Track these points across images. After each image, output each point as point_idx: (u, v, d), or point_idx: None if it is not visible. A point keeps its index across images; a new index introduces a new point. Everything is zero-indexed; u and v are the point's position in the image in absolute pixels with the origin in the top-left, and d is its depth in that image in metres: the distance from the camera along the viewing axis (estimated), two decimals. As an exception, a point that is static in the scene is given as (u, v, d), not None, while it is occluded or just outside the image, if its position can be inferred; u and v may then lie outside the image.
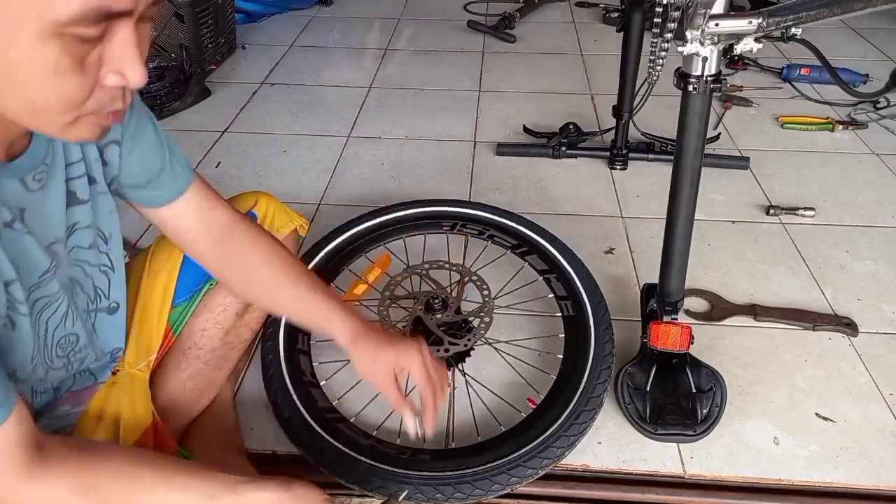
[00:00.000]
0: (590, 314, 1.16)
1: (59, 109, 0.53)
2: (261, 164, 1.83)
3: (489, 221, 1.37)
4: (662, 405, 1.09)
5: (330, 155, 1.88)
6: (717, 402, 1.09)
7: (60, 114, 0.54)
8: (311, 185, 1.75)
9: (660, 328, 1.09)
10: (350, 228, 1.34)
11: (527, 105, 2.15)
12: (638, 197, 1.70)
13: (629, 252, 1.50)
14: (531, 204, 1.66)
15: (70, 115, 0.54)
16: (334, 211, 1.62)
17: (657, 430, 1.07)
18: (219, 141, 1.94)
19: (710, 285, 1.40)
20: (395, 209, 1.38)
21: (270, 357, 1.11)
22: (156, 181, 0.79)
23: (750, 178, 1.77)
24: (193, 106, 2.11)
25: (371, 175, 1.79)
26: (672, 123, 1.01)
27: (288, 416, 1.04)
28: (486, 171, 1.81)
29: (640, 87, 1.67)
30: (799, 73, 2.22)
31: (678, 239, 1.07)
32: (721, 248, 1.52)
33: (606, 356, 1.10)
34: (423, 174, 1.79)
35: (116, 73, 0.53)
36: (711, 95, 0.95)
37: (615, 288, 1.39)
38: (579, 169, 1.81)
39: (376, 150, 1.90)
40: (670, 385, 1.12)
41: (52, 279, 0.70)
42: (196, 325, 1.00)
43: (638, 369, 1.13)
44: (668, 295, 1.12)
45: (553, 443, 0.99)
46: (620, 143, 1.77)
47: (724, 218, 1.62)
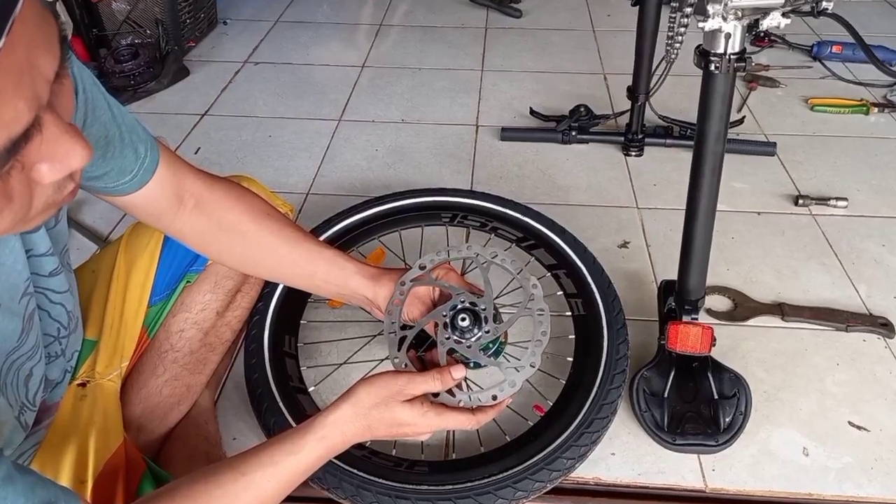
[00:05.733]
0: (602, 313, 1.16)
1: (6, 231, 0.50)
2: (244, 150, 1.83)
3: (492, 212, 1.36)
4: (682, 413, 1.09)
5: (319, 140, 1.88)
6: (741, 409, 1.09)
7: (10, 230, 0.51)
8: (298, 172, 1.74)
9: (679, 329, 1.09)
10: (340, 220, 1.34)
11: (534, 86, 2.15)
12: (655, 186, 1.69)
13: (645, 246, 1.50)
14: (538, 193, 1.66)
15: (19, 227, 0.51)
16: (323, 201, 1.62)
17: (676, 439, 1.07)
18: (198, 125, 1.94)
19: (733, 282, 1.40)
20: (389, 199, 1.38)
21: (254, 360, 1.11)
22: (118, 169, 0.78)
23: (777, 165, 1.77)
24: (170, 87, 2.10)
25: (364, 162, 1.79)
26: (692, 106, 1.01)
27: (273, 425, 1.03)
28: (489, 157, 1.80)
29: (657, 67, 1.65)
30: (830, 51, 2.21)
31: (699, 232, 1.07)
32: (745, 242, 1.51)
33: (620, 359, 1.10)
34: (420, 161, 1.79)
35: (52, 168, 0.49)
36: (735, 75, 0.94)
37: (630, 285, 1.39)
38: (591, 155, 1.81)
39: (369, 135, 1.90)
40: (690, 391, 1.12)
41: (25, 337, 0.69)
42: (173, 326, 1.00)
43: (655, 374, 1.13)
44: (688, 293, 1.12)
45: (562, 454, 0.99)
46: (636, 127, 1.77)
47: (749, 209, 1.62)
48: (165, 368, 0.99)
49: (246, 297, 1.09)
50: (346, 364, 1.21)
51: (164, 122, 1.93)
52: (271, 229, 0.88)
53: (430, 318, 0.86)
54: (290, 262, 0.90)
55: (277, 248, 0.89)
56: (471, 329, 0.84)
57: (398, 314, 0.86)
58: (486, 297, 0.86)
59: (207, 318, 1.02)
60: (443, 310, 0.85)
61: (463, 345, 0.84)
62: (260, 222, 0.88)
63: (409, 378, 0.78)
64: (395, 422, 0.77)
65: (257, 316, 1.15)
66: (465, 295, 0.86)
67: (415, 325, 0.87)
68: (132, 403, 0.96)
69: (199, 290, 1.01)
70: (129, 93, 2.04)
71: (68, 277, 0.80)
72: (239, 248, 0.89)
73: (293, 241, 0.89)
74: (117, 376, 0.92)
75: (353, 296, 0.92)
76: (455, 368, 0.81)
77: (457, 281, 0.89)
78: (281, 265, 0.90)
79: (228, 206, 0.87)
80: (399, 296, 0.87)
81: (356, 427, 0.77)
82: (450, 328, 0.84)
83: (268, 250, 0.89)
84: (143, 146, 0.78)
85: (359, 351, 1.21)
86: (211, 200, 0.86)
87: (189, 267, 1.00)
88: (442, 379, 0.80)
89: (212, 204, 0.86)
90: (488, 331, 0.84)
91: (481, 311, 0.85)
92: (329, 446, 0.76)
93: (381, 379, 0.78)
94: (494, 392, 0.81)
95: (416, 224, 1.37)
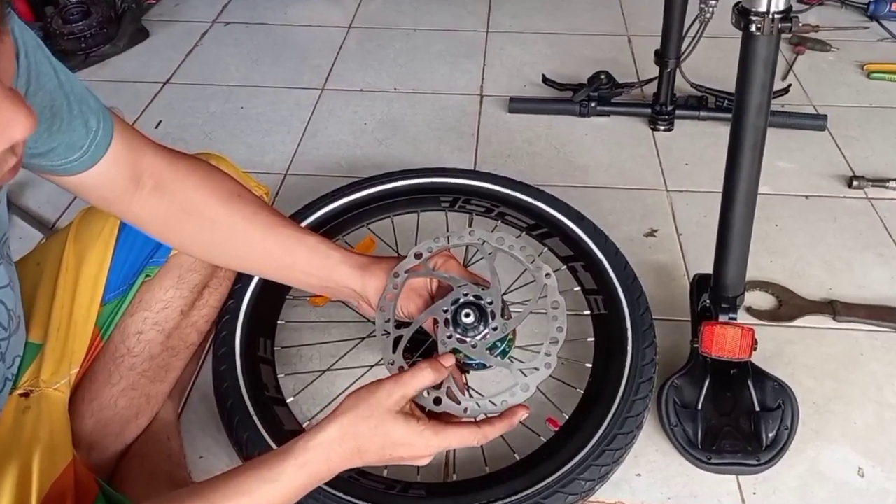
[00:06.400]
0: (626, 313, 1.16)
1: None
2: (212, 124, 1.82)
3: (500, 196, 1.36)
4: (718, 427, 1.09)
5: (299, 112, 1.87)
6: (786, 423, 1.09)
7: None
8: (274, 149, 1.74)
9: (714, 330, 1.09)
10: (323, 205, 1.34)
11: (547, 50, 2.14)
12: (686, 165, 1.69)
13: (676, 234, 1.50)
14: (552, 174, 1.66)
15: None
16: (304, 183, 1.62)
17: (711, 458, 1.07)
18: (159, 94, 1.94)
19: (777, 276, 1.40)
20: (380, 181, 1.38)
21: (224, 367, 1.11)
22: (66, 144, 0.77)
23: (828, 141, 1.76)
24: (127, 50, 2.10)
25: (351, 138, 1.79)
26: (730, 73, 1.01)
27: (246, 441, 1.03)
28: (495, 132, 1.80)
29: (689, 27, 1.66)
30: (889, 10, 2.20)
31: (737, 218, 1.07)
32: (791, 230, 1.51)
33: (647, 365, 1.09)
34: (416, 137, 1.79)
35: None
36: (779, 37, 0.94)
37: (658, 279, 1.39)
38: (613, 130, 1.81)
39: (357, 107, 1.90)
40: (728, 402, 1.11)
41: None
42: (130, 327, 1.00)
43: (687, 382, 1.13)
44: (725, 289, 1.12)
45: (580, 474, 0.98)
46: (665, 97, 1.77)
47: (796, 192, 1.61)
48: (121, 376, 0.99)
49: (214, 293, 1.09)
50: (330, 371, 1.21)
51: (120, 91, 1.93)
52: (243, 213, 0.88)
53: (429, 314, 0.86)
54: (265, 251, 0.90)
55: (250, 235, 0.88)
56: (476, 326, 0.83)
57: (392, 310, 0.86)
58: (492, 288, 0.86)
59: (170, 318, 1.02)
60: (443, 304, 0.85)
61: (467, 344, 0.83)
62: (230, 205, 0.88)
63: (395, 380, 0.78)
64: (389, 441, 0.77)
65: (228, 315, 1.14)
66: (468, 287, 0.86)
67: (411, 322, 0.87)
68: (83, 416, 0.96)
69: (160, 285, 1.01)
70: (79, 58, 2.04)
71: (8, 271, 0.79)
72: (206, 236, 0.89)
73: (269, 227, 0.89)
74: (66, 385, 0.91)
75: (338, 289, 0.92)
76: (443, 356, 0.81)
77: (458, 271, 0.89)
78: (255, 254, 0.90)
79: (193, 186, 0.87)
80: (392, 289, 0.87)
81: (344, 451, 0.76)
82: (451, 325, 0.84)
83: (239, 238, 0.89)
84: (94, 118, 0.78)
85: (345, 356, 1.21)
86: (173, 180, 0.85)
87: (149, 259, 1.00)
88: (432, 368, 0.79)
89: (174, 184, 0.86)
90: (496, 327, 0.84)
91: (487, 306, 0.84)
92: (312, 474, 0.75)
93: (365, 389, 0.78)
94: (505, 398, 0.81)
95: (412, 209, 1.37)
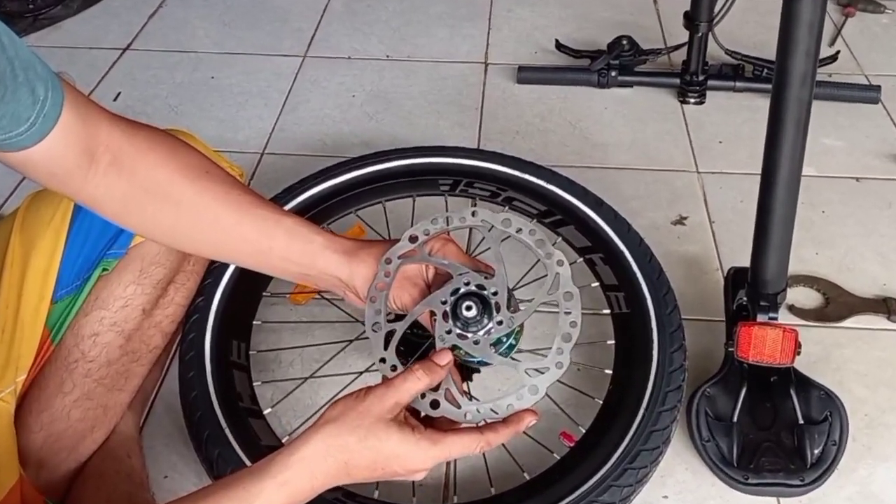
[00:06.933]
0: (651, 312, 1.16)
1: None
2: (178, 96, 1.82)
3: (507, 178, 1.35)
4: (756, 443, 1.10)
5: (278, 83, 1.87)
6: (833, 438, 1.08)
7: None
8: (250, 125, 1.74)
9: (752, 332, 1.09)
10: (305, 189, 1.33)
11: (561, 12, 2.14)
12: (720, 143, 1.69)
13: (708, 222, 1.50)
14: (567, 153, 1.66)
15: None
16: (283, 163, 1.62)
17: (748, 477, 1.07)
18: (118, 62, 1.93)
19: (823, 270, 1.40)
20: (371, 161, 1.37)
21: (192, 373, 1.10)
22: (11, 115, 0.76)
23: (881, 115, 1.76)
24: (82, 12, 2.09)
25: (337, 112, 1.78)
26: (769, 37, 1.00)
27: (218, 458, 1.03)
28: (502, 106, 1.80)
29: (724, -15, 1.66)
30: (953, -35, 2.19)
31: (778, 204, 1.07)
32: (840, 217, 1.51)
33: (675, 372, 1.09)
34: (411, 111, 1.79)
35: None
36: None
37: (688, 274, 1.39)
38: (636, 103, 1.81)
39: (344, 76, 1.90)
40: (767, 414, 1.12)
41: None
42: (85, 329, 1.00)
43: (721, 391, 1.13)
44: (765, 284, 1.12)
45: (599, 496, 0.98)
46: (695, 65, 1.77)
47: (845, 173, 1.62)
48: (75, 384, 0.99)
49: (181, 289, 1.10)
50: (313, 378, 1.20)
51: (74, 58, 1.93)
52: (213, 193, 0.88)
53: (425, 305, 0.85)
54: (238, 236, 0.89)
55: (221, 218, 0.88)
56: (478, 320, 0.82)
57: (383, 301, 0.85)
58: (497, 277, 0.85)
59: (130, 318, 1.02)
60: (441, 295, 0.84)
61: (469, 340, 0.83)
62: (198, 184, 0.87)
63: (386, 384, 0.78)
64: (382, 455, 0.76)
65: (196, 315, 1.14)
66: (469, 275, 0.85)
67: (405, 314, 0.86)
68: (31, 430, 0.96)
69: (119, 280, 1.01)
70: (26, 20, 2.03)
71: None
72: (171, 219, 0.88)
73: (242, 208, 0.88)
74: (11, 394, 0.92)
75: (321, 278, 0.92)
76: (437, 354, 0.80)
77: (458, 256, 0.89)
78: (226, 239, 0.90)
79: (156, 162, 0.86)
80: (384, 277, 0.86)
81: (330, 466, 0.76)
82: (451, 318, 0.83)
83: (209, 220, 0.88)
84: (42, 86, 0.77)
85: (330, 361, 1.21)
86: (132, 156, 0.85)
87: (106, 250, 1.00)
88: (426, 370, 0.79)
89: (134, 160, 0.85)
90: (501, 321, 0.83)
91: (491, 297, 0.84)
92: (293, 493, 0.75)
93: (353, 396, 0.78)
94: (510, 401, 0.81)
95: (406, 193, 1.37)
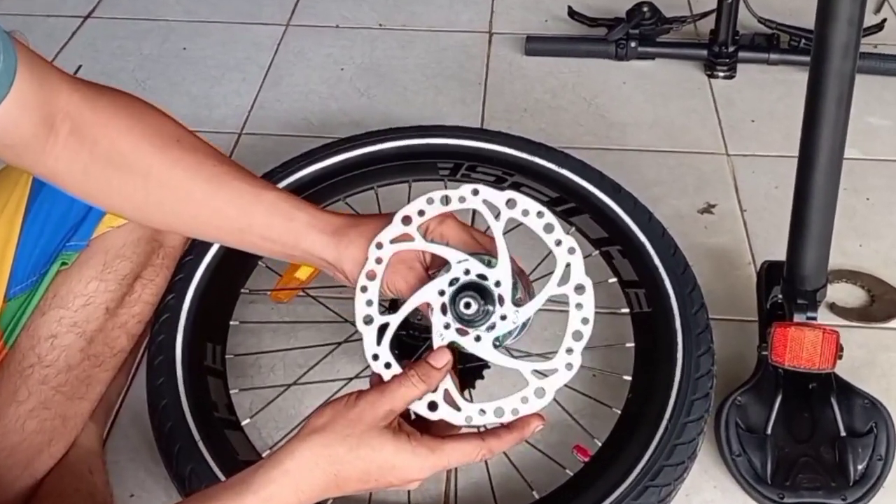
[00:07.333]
0: (675, 311, 1.15)
1: None
2: (146, 69, 1.83)
3: (514, 161, 1.35)
4: (793, 457, 1.09)
5: (258, 55, 1.88)
6: (879, 451, 1.08)
7: None
8: (226, 102, 1.75)
9: (789, 333, 1.08)
10: (289, 173, 1.32)
11: (574, -25, 2.14)
12: (753, 122, 1.69)
13: (738, 211, 1.50)
14: (581, 133, 1.66)
15: None
16: (263, 144, 1.63)
17: (784, 496, 1.06)
18: (79, 31, 1.94)
19: (868, 264, 1.40)
20: (362, 142, 1.37)
21: (162, 380, 1.10)
22: None
23: (932, 91, 1.77)
24: (38, -24, 2.10)
25: (324, 87, 1.79)
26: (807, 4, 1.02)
27: (191, 475, 1.03)
28: (508, 80, 1.80)
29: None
30: None
31: (818, 190, 1.06)
32: (886, 205, 1.51)
33: (702, 378, 1.09)
34: (407, 86, 1.79)
35: None
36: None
37: (716, 268, 1.39)
38: (659, 77, 1.81)
39: (332, 47, 1.90)
40: (805, 425, 1.12)
41: None
42: (41, 330, 1.00)
43: (753, 400, 1.13)
44: (802, 280, 1.12)
45: (617, 517, 0.99)
46: (725, 35, 1.77)
47: (892, 156, 1.62)
48: (30, 392, 0.99)
49: (150, 286, 1.09)
50: (297, 385, 1.20)
51: (31, 26, 1.92)
52: (185, 164, 0.86)
53: (421, 297, 0.84)
54: (213, 211, 0.88)
55: (193, 191, 0.87)
56: (481, 317, 0.81)
57: (375, 291, 0.84)
58: (500, 264, 0.84)
59: (92, 318, 1.02)
60: (438, 284, 0.83)
61: (469, 336, 0.82)
62: (167, 153, 0.86)
63: (378, 391, 0.77)
64: (375, 465, 0.76)
65: (167, 314, 1.14)
66: (470, 262, 0.83)
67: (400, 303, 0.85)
68: (-17, 443, 0.97)
69: (79, 275, 1.01)
70: (-25, -16, 2.04)
71: None
72: (139, 193, 0.87)
73: (216, 181, 0.87)
74: (-41, 401, 0.93)
75: (307, 258, 0.91)
76: (434, 355, 0.79)
77: (458, 236, 0.87)
78: (200, 215, 0.89)
79: (120, 130, 0.85)
80: (375, 264, 0.85)
81: (317, 480, 0.75)
82: (450, 311, 0.82)
83: (180, 194, 0.87)
84: None
85: (316, 366, 1.21)
86: (95, 124, 0.84)
87: (65, 242, 1.01)
88: (421, 374, 0.78)
89: (96, 129, 0.84)
90: (505, 316, 0.82)
91: (494, 288, 0.82)
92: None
93: (341, 401, 0.77)
94: (515, 405, 0.80)
95: (401, 178, 1.37)
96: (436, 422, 0.80)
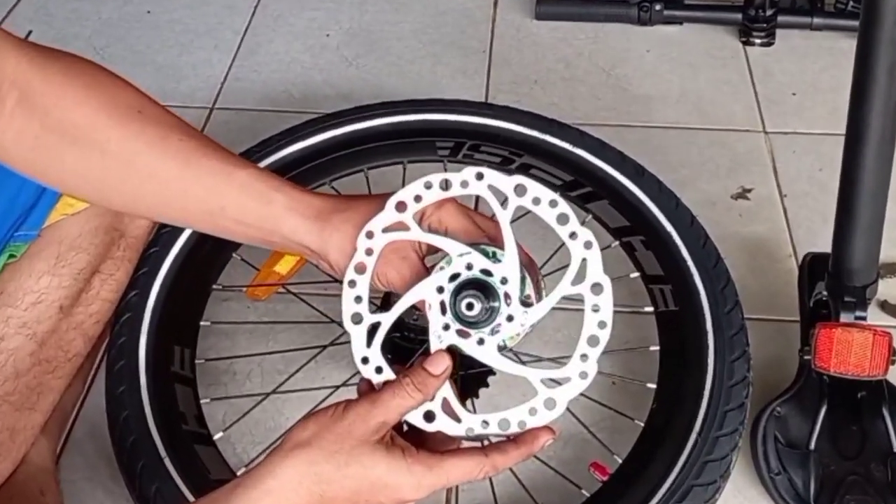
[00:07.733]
0: (706, 310, 1.15)
1: None
2: (105, 35, 1.84)
3: (522, 140, 1.35)
4: (839, 476, 1.09)
5: (231, 19, 1.89)
6: None
7: None
8: (196, 73, 1.76)
9: (835, 335, 1.07)
10: (268, 152, 1.32)
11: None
12: (794, 96, 1.70)
13: (778, 196, 1.50)
14: (599, 109, 1.66)
15: None
16: (238, 120, 1.64)
17: None
18: None
19: None
20: (349, 118, 1.37)
21: (123, 388, 1.10)
22: None
23: None
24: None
25: (307, 56, 1.80)
26: None
27: (156, 496, 1.02)
28: (516, 48, 1.81)
29: None
30: None
31: (867, 173, 1.06)
32: None
33: (736, 386, 1.08)
34: (401, 55, 1.80)
35: None
36: None
37: (752, 261, 1.40)
38: (687, 44, 1.82)
39: (316, 11, 1.91)
40: (853, 439, 1.12)
41: None
42: None
43: (794, 410, 1.14)
44: (850, 275, 1.12)
45: (640, 544, 1.00)
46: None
47: None
48: None
49: (108, 281, 1.09)
50: (276, 394, 1.20)
51: (-26, -10, 1.96)
52: (147, 137, 0.86)
53: (417, 294, 0.84)
54: (180, 191, 0.88)
55: (157, 169, 0.86)
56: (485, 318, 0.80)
57: (365, 286, 0.84)
58: (507, 258, 0.83)
59: (44, 318, 1.03)
60: (437, 280, 0.82)
61: (471, 339, 0.81)
62: (126, 126, 0.86)
63: (369, 401, 0.77)
64: (366, 484, 0.76)
65: (128, 313, 1.14)
66: (473, 255, 0.82)
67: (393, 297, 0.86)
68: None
69: (29, 270, 1.02)
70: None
71: None
72: (96, 170, 0.87)
73: (183, 156, 0.87)
74: None
75: (287, 245, 0.91)
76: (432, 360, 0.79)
77: (460, 223, 0.86)
78: (167, 196, 0.89)
79: (75, 99, 0.85)
80: (365, 255, 0.84)
81: (301, 499, 0.75)
82: (449, 310, 0.81)
83: (142, 172, 0.87)
84: None
85: (298, 372, 1.20)
86: (45, 92, 0.84)
87: (13, 231, 1.01)
88: (417, 382, 0.77)
89: (46, 98, 0.84)
90: (511, 317, 0.81)
91: (498, 287, 0.81)
92: None
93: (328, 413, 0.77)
94: (522, 416, 0.79)
95: (395, 159, 1.36)
96: (433, 435, 0.80)
